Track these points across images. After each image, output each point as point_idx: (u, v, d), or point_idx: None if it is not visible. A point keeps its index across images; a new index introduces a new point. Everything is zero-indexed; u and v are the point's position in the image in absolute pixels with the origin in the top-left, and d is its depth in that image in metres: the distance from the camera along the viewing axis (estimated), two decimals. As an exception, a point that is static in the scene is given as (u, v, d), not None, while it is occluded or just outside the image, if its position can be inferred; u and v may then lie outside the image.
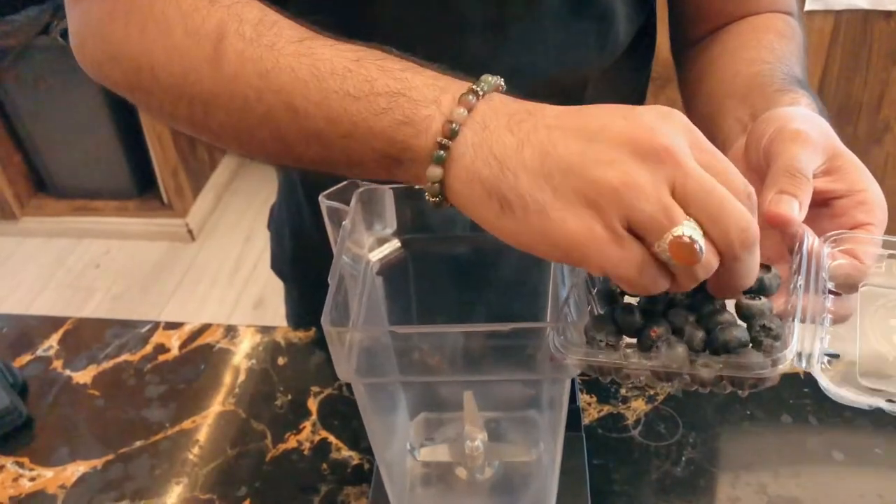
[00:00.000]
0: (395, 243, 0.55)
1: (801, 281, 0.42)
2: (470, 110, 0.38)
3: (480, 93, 0.38)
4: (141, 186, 2.40)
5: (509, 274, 0.62)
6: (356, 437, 0.69)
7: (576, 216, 0.34)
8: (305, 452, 0.68)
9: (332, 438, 0.69)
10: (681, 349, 0.39)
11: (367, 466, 0.66)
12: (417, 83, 0.39)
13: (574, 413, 0.63)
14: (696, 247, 0.34)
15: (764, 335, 0.39)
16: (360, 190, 0.52)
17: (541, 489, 0.55)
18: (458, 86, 0.39)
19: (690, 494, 0.62)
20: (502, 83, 0.40)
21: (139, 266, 2.36)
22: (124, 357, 0.79)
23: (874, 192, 0.44)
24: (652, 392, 0.71)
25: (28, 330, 0.84)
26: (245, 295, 2.22)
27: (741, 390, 0.40)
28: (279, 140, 0.43)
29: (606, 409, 0.70)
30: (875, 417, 0.67)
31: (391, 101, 0.39)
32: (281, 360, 0.77)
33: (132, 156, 2.33)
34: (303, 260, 0.85)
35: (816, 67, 1.87)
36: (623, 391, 0.71)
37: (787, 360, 0.38)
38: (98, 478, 0.67)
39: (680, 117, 0.36)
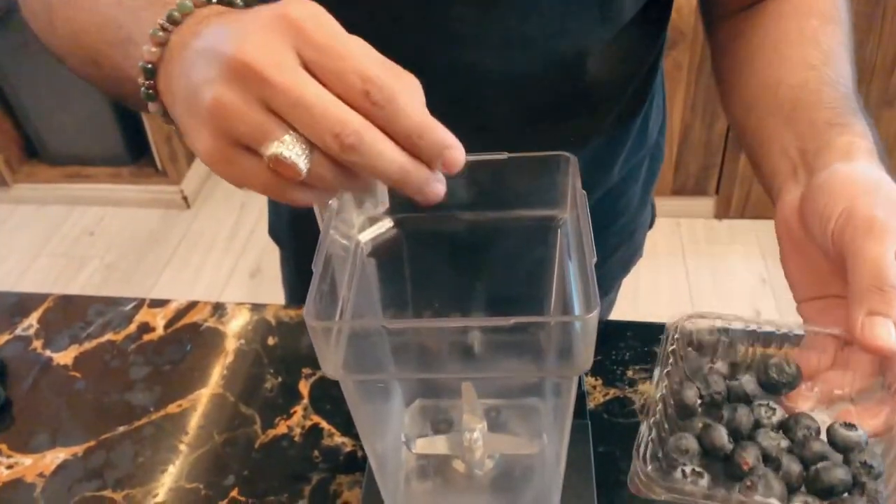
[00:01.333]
0: (388, 223, 0.51)
1: None
2: (164, 44, 0.38)
3: (169, 27, 0.38)
4: (134, 153, 2.35)
5: (510, 254, 0.58)
6: (349, 422, 0.65)
7: (201, 137, 0.35)
8: (296, 439, 0.64)
9: (324, 424, 0.66)
10: (778, 486, 0.36)
11: (360, 454, 0.62)
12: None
13: (579, 398, 0.60)
14: (290, 163, 0.33)
15: (865, 473, 0.37)
16: (349, 165, 0.48)
17: (544, 484, 0.51)
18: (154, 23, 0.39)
19: (701, 485, 0.58)
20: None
21: (134, 234, 2.32)
22: (107, 337, 0.75)
23: None
24: (660, 375, 0.67)
25: (7, 307, 0.80)
26: (241, 263, 2.18)
27: None
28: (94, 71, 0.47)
29: (612, 392, 0.66)
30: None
31: (122, 31, 0.42)
32: (271, 341, 0.74)
33: (125, 121, 2.27)
34: (299, 225, 0.81)
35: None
36: (630, 373, 0.68)
37: None
38: (78, 465, 0.64)
39: (297, 12, 0.33)
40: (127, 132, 2.30)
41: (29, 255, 2.26)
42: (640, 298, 1.98)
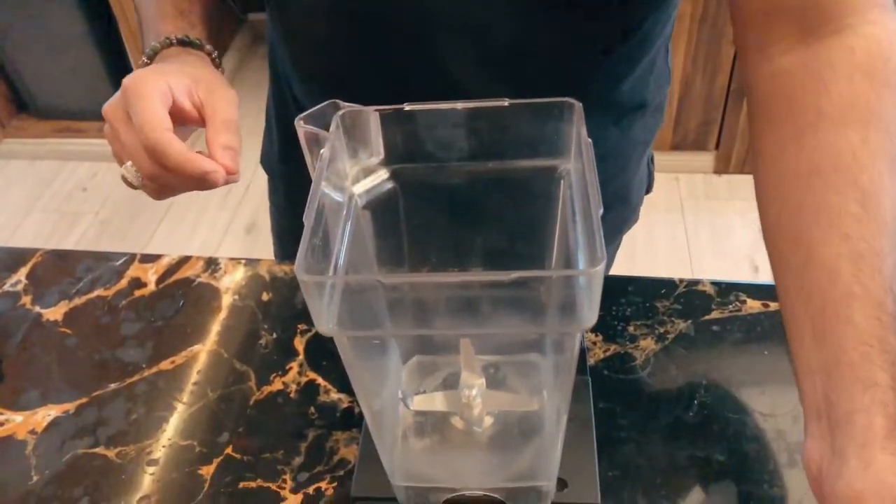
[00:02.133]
0: (383, 173, 0.49)
1: None
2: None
3: (149, 57, 0.59)
4: (126, 107, 2.31)
5: (510, 206, 0.56)
6: (345, 378, 0.63)
7: None
8: (292, 395, 0.63)
9: (320, 380, 0.65)
10: None
11: (357, 410, 0.61)
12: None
13: (579, 354, 0.59)
14: (128, 181, 0.54)
15: None
16: (341, 112, 0.46)
17: (545, 441, 0.50)
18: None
19: (703, 441, 0.58)
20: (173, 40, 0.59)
21: (127, 190, 2.28)
22: (97, 292, 0.74)
23: None
24: (662, 330, 0.66)
25: (-6, 263, 0.78)
26: (237, 218, 2.16)
27: None
28: None
29: (613, 348, 0.65)
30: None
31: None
32: (265, 296, 0.72)
33: (116, 75, 2.22)
34: (289, 152, 0.79)
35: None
36: (631, 329, 0.66)
37: None
38: (70, 422, 0.63)
39: (126, 82, 0.53)
40: (118, 86, 2.25)
41: (21, 211, 2.23)
42: (637, 254, 1.97)
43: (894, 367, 0.41)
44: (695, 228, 2.08)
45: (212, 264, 0.76)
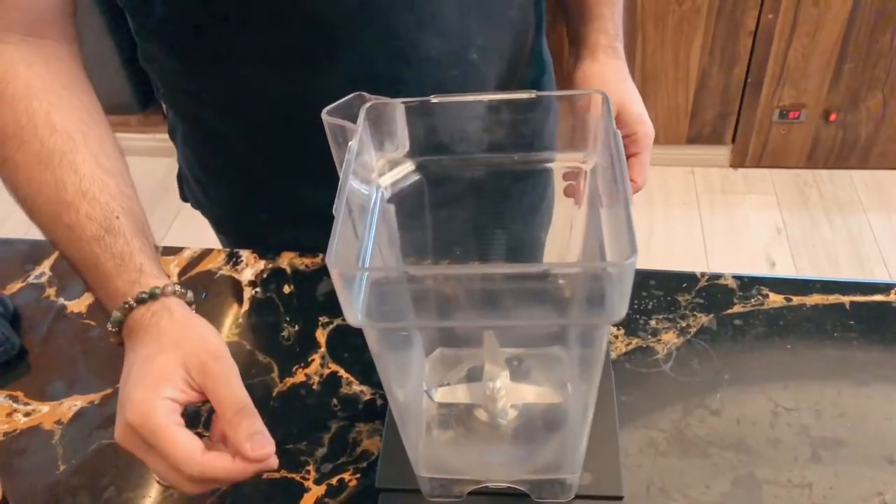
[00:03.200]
0: (409, 166, 0.49)
1: None
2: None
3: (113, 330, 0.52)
4: (142, 101, 2.32)
5: (533, 199, 0.56)
6: (367, 370, 0.65)
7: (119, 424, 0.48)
8: (315, 387, 0.64)
9: (342, 372, 0.65)
10: None
11: (379, 402, 0.62)
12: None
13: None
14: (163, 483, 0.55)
15: None
16: (368, 105, 0.46)
17: (569, 434, 0.50)
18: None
19: (726, 436, 0.57)
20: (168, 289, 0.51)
21: (143, 183, 2.28)
22: (121, 285, 0.74)
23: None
24: (684, 324, 0.66)
25: (17, 255, 0.79)
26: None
27: None
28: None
29: (635, 342, 0.65)
30: (926, 352, 0.62)
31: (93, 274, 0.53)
32: (287, 289, 0.73)
33: (132, 70, 2.23)
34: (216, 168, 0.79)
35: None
36: (653, 323, 0.66)
37: None
38: (96, 413, 0.63)
39: (137, 428, 0.46)
40: (134, 80, 2.26)
41: (39, 205, 2.25)
42: (654, 247, 1.96)
43: (601, 5, 0.70)
44: (710, 222, 2.07)
45: (233, 257, 0.77)
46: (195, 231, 2.20)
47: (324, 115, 0.45)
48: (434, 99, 0.46)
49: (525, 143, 0.47)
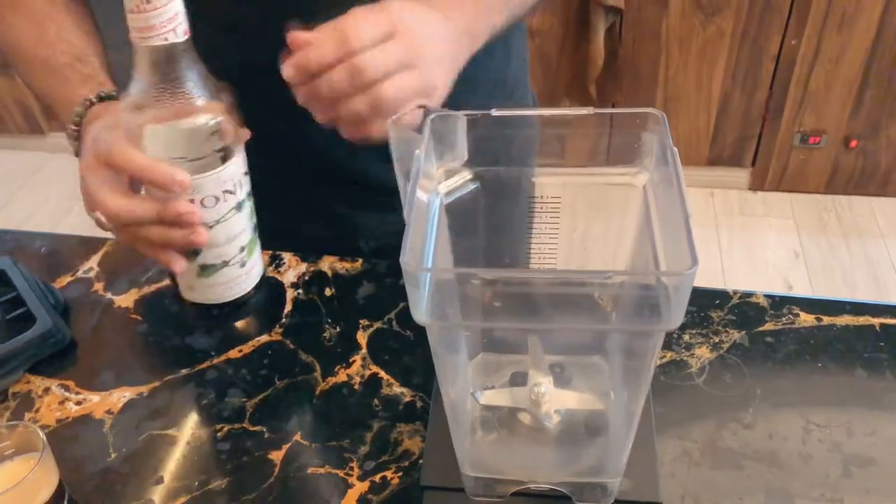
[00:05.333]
0: (466, 175, 0.51)
1: None
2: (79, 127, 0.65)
3: (77, 124, 0.65)
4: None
5: (587, 211, 0.58)
6: (407, 373, 0.67)
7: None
8: (356, 387, 0.66)
9: (382, 374, 0.67)
10: None
11: (419, 404, 0.64)
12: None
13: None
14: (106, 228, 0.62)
15: None
16: (432, 116, 0.48)
17: (612, 439, 0.52)
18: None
19: (758, 449, 0.59)
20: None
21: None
22: (166, 282, 0.77)
23: None
24: (717, 340, 0.68)
25: (66, 250, 0.81)
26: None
27: None
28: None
29: (669, 355, 0.67)
30: (955, 375, 0.63)
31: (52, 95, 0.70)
32: (328, 292, 0.75)
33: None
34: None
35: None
36: (686, 337, 0.68)
37: None
38: (144, 404, 0.65)
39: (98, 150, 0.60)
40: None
41: (65, 204, 2.28)
42: (671, 267, 1.97)
43: None
44: (729, 244, 2.08)
45: (275, 259, 0.79)
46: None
47: (389, 124, 0.47)
48: (494, 112, 0.48)
49: (581, 156, 0.49)
